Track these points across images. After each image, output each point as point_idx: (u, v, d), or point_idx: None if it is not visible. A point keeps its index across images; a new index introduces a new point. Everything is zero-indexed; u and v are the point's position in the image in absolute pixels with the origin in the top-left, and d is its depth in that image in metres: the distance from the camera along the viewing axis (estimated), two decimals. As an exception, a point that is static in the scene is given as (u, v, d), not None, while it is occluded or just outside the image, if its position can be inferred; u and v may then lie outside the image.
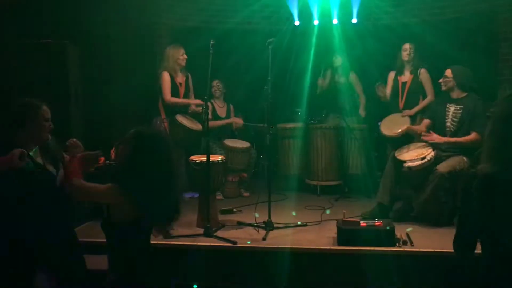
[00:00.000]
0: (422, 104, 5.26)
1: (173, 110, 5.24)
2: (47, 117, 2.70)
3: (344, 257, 3.64)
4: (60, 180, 2.91)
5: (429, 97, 5.24)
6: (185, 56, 5.23)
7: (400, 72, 5.35)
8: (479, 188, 1.82)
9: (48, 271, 2.75)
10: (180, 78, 5.28)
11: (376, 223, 3.80)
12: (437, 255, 3.53)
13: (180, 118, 5.14)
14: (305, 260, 3.67)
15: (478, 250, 2.01)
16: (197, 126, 5.18)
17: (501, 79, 6.07)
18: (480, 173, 1.84)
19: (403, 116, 5.25)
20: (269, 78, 4.18)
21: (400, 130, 4.88)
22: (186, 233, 4.02)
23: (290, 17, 6.72)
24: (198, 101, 5.12)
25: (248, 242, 3.85)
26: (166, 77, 5.14)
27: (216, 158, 4.38)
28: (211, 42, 4.14)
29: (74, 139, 2.83)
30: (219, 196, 5.30)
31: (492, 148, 1.83)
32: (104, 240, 2.35)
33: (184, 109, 5.38)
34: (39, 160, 2.71)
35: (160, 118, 5.19)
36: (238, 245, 3.76)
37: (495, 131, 1.85)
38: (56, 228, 2.73)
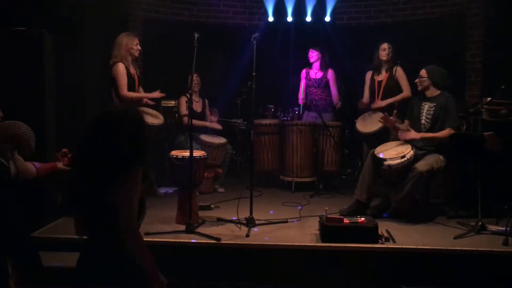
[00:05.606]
0: (395, 98, 5.19)
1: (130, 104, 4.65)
2: None
3: (328, 254, 3.66)
4: (13, 172, 2.83)
5: (405, 93, 5.21)
6: (139, 48, 4.71)
7: (377, 71, 5.40)
8: None
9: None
10: (132, 70, 4.72)
11: (359, 220, 3.83)
12: (419, 252, 3.61)
13: None
14: (289, 257, 3.66)
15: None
16: (158, 120, 4.84)
17: (467, 80, 6.29)
18: None
19: (373, 108, 5.26)
20: (253, 73, 4.12)
21: (377, 128, 4.97)
22: (166, 229, 3.93)
23: (265, 13, 6.72)
24: (158, 94, 4.82)
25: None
26: (121, 68, 4.55)
27: (198, 153, 4.30)
28: (196, 35, 4.03)
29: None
30: (194, 192, 5.21)
31: None
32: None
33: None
34: None
35: None
36: (222, 241, 3.71)
37: None
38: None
